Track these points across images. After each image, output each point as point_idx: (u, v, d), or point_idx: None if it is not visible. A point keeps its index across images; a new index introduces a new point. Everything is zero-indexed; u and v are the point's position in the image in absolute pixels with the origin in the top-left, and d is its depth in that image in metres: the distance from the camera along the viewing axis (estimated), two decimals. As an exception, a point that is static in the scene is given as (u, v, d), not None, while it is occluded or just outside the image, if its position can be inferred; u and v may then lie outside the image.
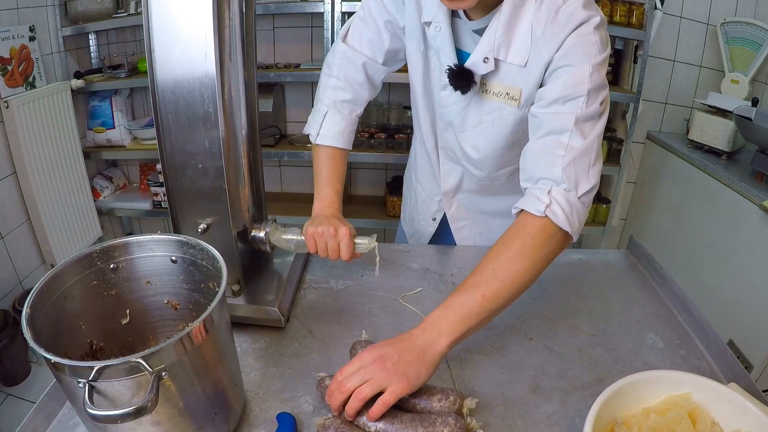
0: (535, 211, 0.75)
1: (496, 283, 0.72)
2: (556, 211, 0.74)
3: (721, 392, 0.66)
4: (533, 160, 0.80)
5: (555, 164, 0.76)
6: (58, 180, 2.19)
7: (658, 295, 1.02)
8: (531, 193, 0.78)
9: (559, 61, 0.78)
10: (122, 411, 0.48)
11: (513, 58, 0.83)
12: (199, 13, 0.68)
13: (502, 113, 0.89)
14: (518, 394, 0.76)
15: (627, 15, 2.09)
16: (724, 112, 2.08)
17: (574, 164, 0.76)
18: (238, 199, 0.85)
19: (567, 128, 0.76)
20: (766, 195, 1.72)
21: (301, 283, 1.02)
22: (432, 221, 1.22)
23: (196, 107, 0.72)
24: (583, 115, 0.76)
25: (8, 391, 1.90)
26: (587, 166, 0.77)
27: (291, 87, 2.48)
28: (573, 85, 0.76)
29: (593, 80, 0.76)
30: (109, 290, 0.68)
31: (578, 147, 0.76)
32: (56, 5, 2.17)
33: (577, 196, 0.76)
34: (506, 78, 0.86)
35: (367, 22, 1.00)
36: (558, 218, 0.74)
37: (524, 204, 0.78)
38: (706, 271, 2.02)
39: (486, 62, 0.84)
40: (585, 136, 0.77)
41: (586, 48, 0.76)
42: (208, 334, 0.56)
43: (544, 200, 0.75)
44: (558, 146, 0.76)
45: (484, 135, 0.94)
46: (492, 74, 0.87)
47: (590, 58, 0.76)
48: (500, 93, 0.87)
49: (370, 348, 0.68)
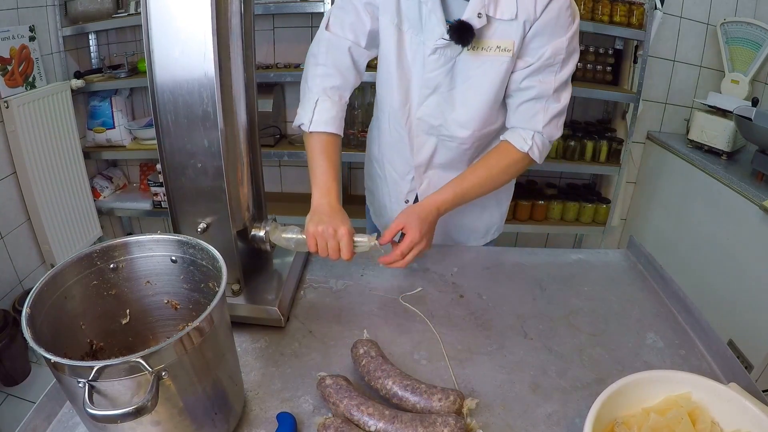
0: (520, 147, 1.02)
1: (488, 186, 1.05)
2: (534, 151, 1.03)
3: (721, 392, 0.66)
4: (519, 115, 1.03)
5: (537, 121, 1.01)
6: (58, 180, 2.19)
7: (658, 295, 1.02)
8: (518, 134, 1.03)
9: (542, 29, 0.94)
10: (122, 411, 0.48)
11: (502, 14, 0.93)
12: (198, 13, 0.67)
13: (494, 65, 0.98)
14: (518, 394, 0.76)
15: (627, 15, 2.09)
16: (724, 112, 2.08)
17: (551, 122, 1.02)
18: (238, 198, 0.85)
19: (547, 94, 0.99)
20: (766, 195, 1.72)
21: (301, 282, 1.02)
22: (404, 204, 1.21)
23: (196, 107, 0.72)
24: (558, 82, 0.98)
25: (8, 391, 1.90)
26: (560, 123, 1.05)
27: (291, 87, 2.48)
28: (552, 56, 0.95)
29: (568, 50, 0.96)
30: (109, 290, 0.68)
31: (554, 109, 1.01)
32: (56, 5, 2.17)
33: (549, 141, 1.05)
34: (496, 34, 0.96)
35: (346, 8, 1.03)
36: (534, 155, 1.04)
37: (513, 140, 1.03)
38: (706, 271, 2.02)
39: (480, 17, 0.93)
40: (559, 100, 1.01)
41: (562, 20, 0.93)
42: (208, 333, 0.56)
43: (528, 143, 1.02)
44: (540, 110, 1.01)
45: (474, 89, 1.02)
46: (483, 30, 0.96)
47: (566, 29, 0.94)
48: (491, 47, 0.97)
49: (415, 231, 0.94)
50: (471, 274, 1.07)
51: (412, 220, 0.95)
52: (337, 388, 0.69)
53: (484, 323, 0.92)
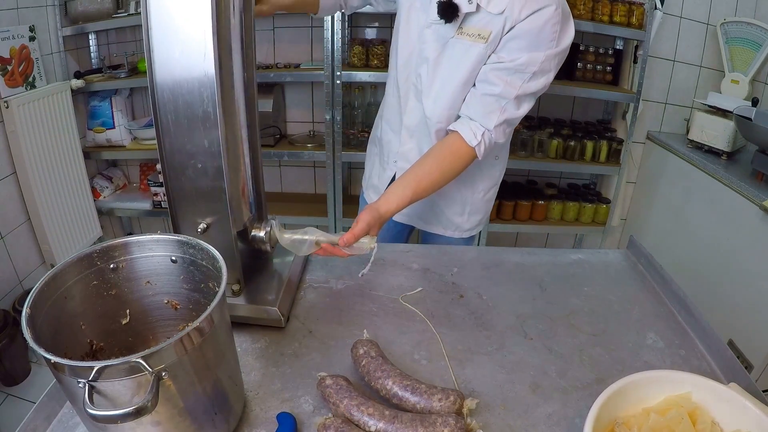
0: (468, 141, 1.04)
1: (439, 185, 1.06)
2: (481, 148, 1.05)
3: (721, 392, 0.66)
4: (477, 105, 1.05)
5: (491, 119, 1.04)
6: (58, 180, 2.18)
7: (658, 295, 1.02)
8: (469, 127, 1.04)
9: (523, 33, 0.98)
10: (122, 411, 0.48)
11: (493, 7, 0.99)
12: (198, 13, 0.67)
13: (469, 49, 1.04)
14: (518, 394, 0.76)
15: (627, 15, 2.09)
16: (724, 112, 2.07)
17: (503, 124, 1.05)
18: (238, 198, 0.85)
19: (509, 97, 1.02)
20: (766, 195, 1.72)
21: (301, 283, 1.02)
22: (393, 164, 1.29)
23: (196, 107, 0.72)
24: (523, 91, 1.02)
25: (8, 391, 1.90)
26: (508, 131, 1.09)
27: (291, 87, 2.48)
28: (526, 64, 0.99)
29: (542, 66, 0.99)
30: (109, 290, 0.68)
31: (510, 114, 1.04)
32: (56, 5, 2.17)
33: (494, 143, 1.07)
34: (480, 22, 1.02)
35: None
36: (480, 152, 1.06)
37: (463, 133, 1.04)
38: (706, 271, 2.01)
39: (470, 3, 1.00)
40: (519, 108, 1.05)
41: (545, 33, 0.97)
42: (208, 334, 0.56)
43: (477, 138, 1.04)
44: (498, 108, 1.04)
45: (450, 69, 1.08)
46: (470, 17, 1.02)
47: (547, 45, 0.98)
48: (473, 34, 1.03)
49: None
50: (471, 274, 1.07)
51: (375, 224, 0.96)
52: (337, 388, 0.69)
53: (484, 323, 0.92)
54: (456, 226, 1.34)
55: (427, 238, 1.42)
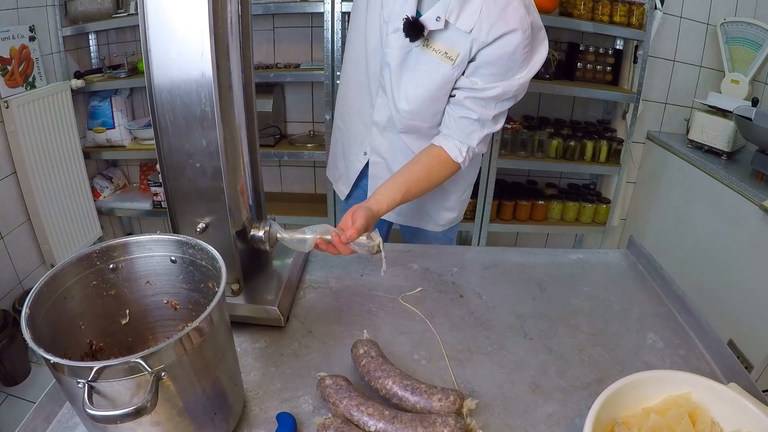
0: (454, 157, 1.09)
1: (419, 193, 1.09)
2: (465, 161, 1.11)
3: (721, 392, 0.66)
4: (458, 127, 1.09)
5: (473, 138, 1.10)
6: (58, 180, 2.18)
7: (658, 295, 1.02)
8: (454, 145, 1.09)
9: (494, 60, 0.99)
10: (122, 411, 0.48)
11: (462, 24, 0.98)
12: (194, 13, 0.67)
13: (437, 68, 1.04)
14: (518, 394, 0.76)
15: (627, 15, 2.09)
16: (724, 112, 2.07)
17: (484, 139, 1.11)
18: (237, 198, 0.85)
19: (487, 119, 1.07)
20: (766, 195, 1.72)
21: (301, 283, 1.02)
22: (363, 156, 1.27)
23: (194, 107, 0.72)
24: (499, 110, 1.07)
25: (8, 391, 1.90)
26: (490, 141, 1.21)
27: (291, 87, 2.48)
28: (501, 95, 1.03)
29: (516, 90, 1.03)
30: (108, 290, 0.68)
31: (491, 129, 1.10)
32: (56, 5, 2.17)
33: (477, 153, 1.14)
34: (449, 40, 1.01)
35: None
36: (465, 165, 1.12)
37: (449, 150, 1.09)
38: (706, 271, 2.01)
39: (438, 21, 0.99)
40: (496, 123, 1.10)
41: (516, 56, 0.98)
42: (208, 334, 0.56)
43: (463, 155, 1.10)
44: (477, 129, 1.09)
45: (414, 81, 1.08)
46: (438, 33, 1.01)
47: (519, 69, 1.01)
48: (440, 51, 1.03)
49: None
50: (471, 274, 1.07)
51: (371, 222, 0.96)
52: (336, 388, 0.69)
53: (484, 323, 0.92)
54: (435, 221, 1.37)
55: (406, 232, 1.48)
